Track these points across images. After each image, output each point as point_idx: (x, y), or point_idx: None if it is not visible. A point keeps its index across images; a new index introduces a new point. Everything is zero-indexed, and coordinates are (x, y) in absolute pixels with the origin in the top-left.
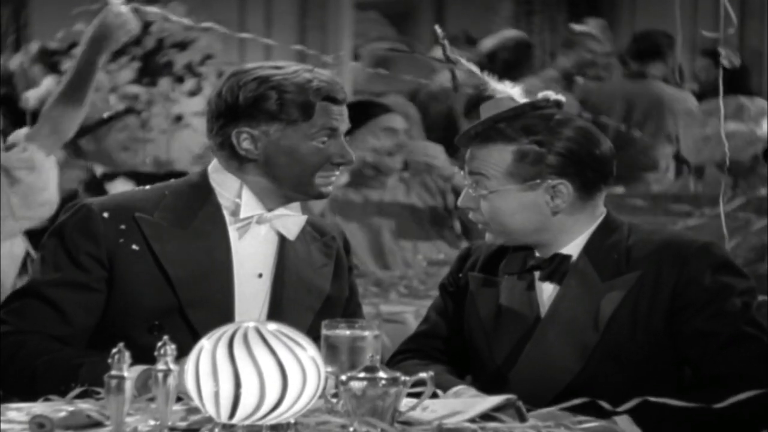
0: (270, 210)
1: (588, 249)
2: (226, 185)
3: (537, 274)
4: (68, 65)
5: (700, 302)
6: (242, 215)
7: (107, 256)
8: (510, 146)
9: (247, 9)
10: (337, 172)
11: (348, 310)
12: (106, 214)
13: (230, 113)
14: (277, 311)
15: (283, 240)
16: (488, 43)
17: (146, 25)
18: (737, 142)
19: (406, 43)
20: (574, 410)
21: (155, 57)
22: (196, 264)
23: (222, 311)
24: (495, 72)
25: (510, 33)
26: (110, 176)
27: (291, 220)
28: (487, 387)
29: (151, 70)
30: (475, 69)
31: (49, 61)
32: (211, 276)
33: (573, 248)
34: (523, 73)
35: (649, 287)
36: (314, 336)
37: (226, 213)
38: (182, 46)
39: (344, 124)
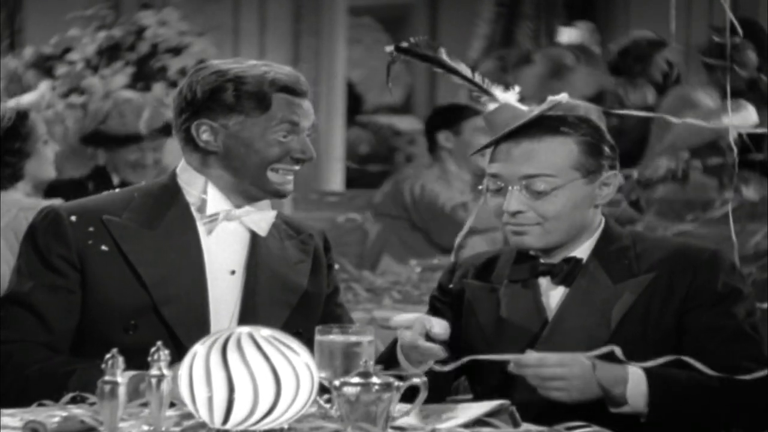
0: (237, 207)
1: (597, 253)
2: (192, 183)
3: (542, 279)
4: (62, 70)
5: (711, 302)
6: (209, 211)
7: (78, 257)
8: (569, 138)
9: (242, 14)
10: (296, 168)
11: (327, 308)
12: (73, 218)
13: (190, 107)
14: (251, 307)
15: (255, 237)
16: (621, 43)
17: (140, 31)
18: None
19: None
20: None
21: (149, 62)
22: (166, 262)
23: (196, 308)
24: (622, 72)
25: (643, 33)
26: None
27: (260, 215)
28: (489, 392)
29: (145, 75)
30: (479, 78)
31: (43, 66)
32: (182, 274)
33: (582, 252)
34: (651, 73)
35: (662, 289)
36: (292, 332)
37: (193, 210)
38: (176, 51)
39: (306, 120)
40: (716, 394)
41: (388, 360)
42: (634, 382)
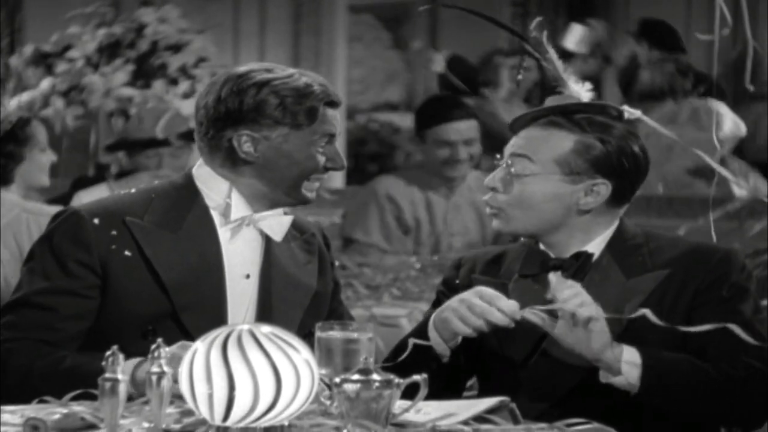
0: (255, 212)
1: (610, 249)
2: (212, 186)
3: (553, 275)
4: (62, 68)
5: (719, 300)
6: (233, 216)
7: (100, 263)
8: (573, 135)
9: (242, 12)
10: (325, 177)
11: (331, 305)
12: (96, 221)
13: (231, 117)
14: (266, 311)
15: (268, 240)
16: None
17: (140, 28)
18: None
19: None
20: None
21: (149, 59)
22: (188, 268)
23: (214, 314)
24: None
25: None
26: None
27: (277, 220)
28: (499, 386)
29: (145, 72)
30: (558, 64)
31: (43, 63)
32: (203, 279)
33: (593, 247)
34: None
35: (675, 287)
36: (304, 333)
37: (214, 214)
38: (176, 48)
39: (339, 129)
40: (712, 383)
41: (418, 335)
42: (629, 352)
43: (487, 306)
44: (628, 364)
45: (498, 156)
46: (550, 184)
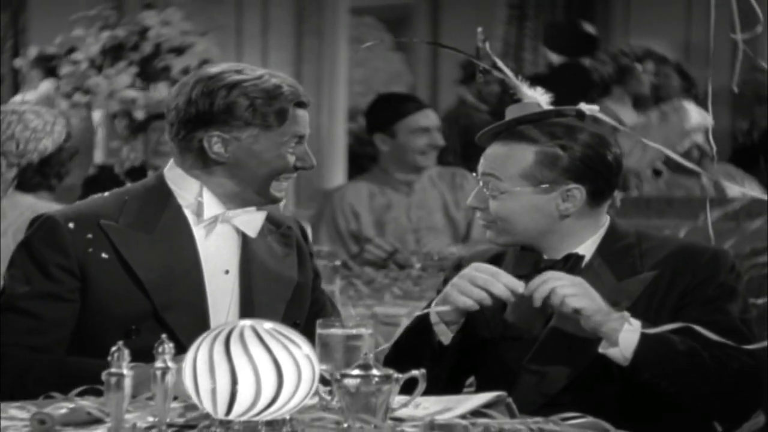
0: (228, 210)
1: (601, 250)
2: (184, 186)
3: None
4: (66, 70)
5: (705, 299)
6: (206, 215)
7: (78, 266)
8: (533, 147)
9: (244, 14)
10: (294, 176)
11: (313, 295)
12: (71, 225)
13: (202, 119)
14: (249, 305)
15: (244, 236)
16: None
17: (143, 31)
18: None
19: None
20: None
21: (153, 62)
22: (165, 267)
23: (196, 311)
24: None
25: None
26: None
27: (251, 217)
28: (495, 383)
29: (148, 74)
30: (509, 72)
31: (47, 65)
32: (181, 277)
33: (584, 249)
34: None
35: (664, 287)
36: (289, 324)
37: (188, 213)
38: (179, 51)
39: (308, 129)
40: (704, 367)
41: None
42: (631, 326)
43: (489, 277)
44: (627, 332)
45: (475, 174)
46: (524, 198)
